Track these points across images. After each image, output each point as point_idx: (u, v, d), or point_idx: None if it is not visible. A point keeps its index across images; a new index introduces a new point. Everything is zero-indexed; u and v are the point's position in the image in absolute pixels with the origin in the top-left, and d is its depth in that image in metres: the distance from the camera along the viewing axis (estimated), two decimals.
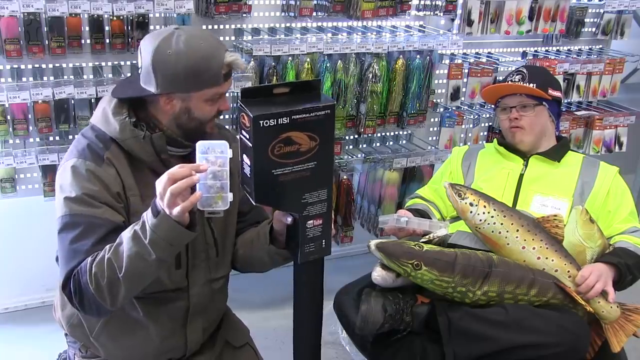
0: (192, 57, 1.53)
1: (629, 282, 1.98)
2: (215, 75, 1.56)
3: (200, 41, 1.55)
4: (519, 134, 2.20)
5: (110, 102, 1.63)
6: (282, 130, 1.40)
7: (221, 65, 1.56)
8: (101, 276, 1.46)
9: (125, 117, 1.60)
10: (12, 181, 2.51)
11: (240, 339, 1.90)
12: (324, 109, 1.43)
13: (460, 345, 1.77)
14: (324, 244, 1.59)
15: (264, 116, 1.37)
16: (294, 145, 1.43)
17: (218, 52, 1.56)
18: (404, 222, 1.96)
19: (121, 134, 1.58)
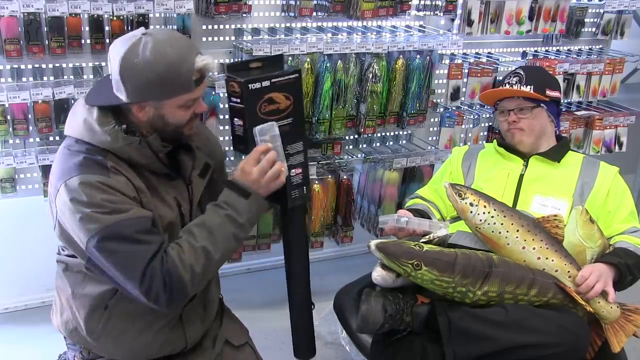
0: (160, 65, 1.49)
1: (629, 282, 1.98)
2: (186, 82, 1.53)
3: (168, 48, 1.50)
4: (518, 135, 2.20)
5: (91, 112, 1.57)
6: (265, 91, 1.74)
7: (191, 72, 1.53)
8: (197, 264, 1.55)
9: (114, 126, 1.55)
10: (12, 181, 2.51)
11: (240, 338, 1.91)
12: (293, 73, 1.82)
13: (460, 345, 1.77)
14: (305, 190, 1.91)
15: (250, 80, 1.71)
16: (275, 104, 1.78)
17: (187, 58, 1.52)
18: (404, 222, 1.97)
19: (114, 144, 1.55)
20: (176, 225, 1.67)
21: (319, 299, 3.05)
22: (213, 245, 1.58)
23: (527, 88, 2.18)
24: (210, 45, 2.69)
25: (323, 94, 2.70)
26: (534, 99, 2.18)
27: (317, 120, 2.74)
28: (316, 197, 2.87)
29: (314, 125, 2.76)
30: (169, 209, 1.65)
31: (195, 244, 1.56)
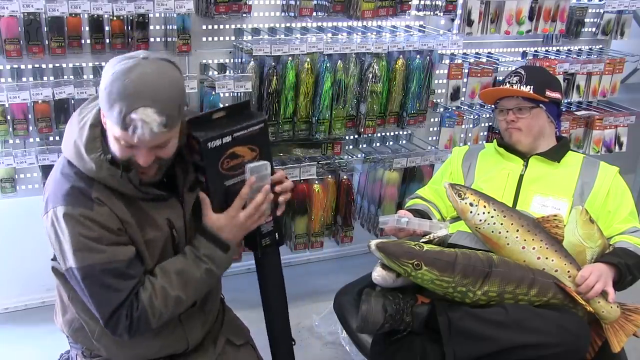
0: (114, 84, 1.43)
1: (629, 282, 1.98)
2: (118, 117, 1.43)
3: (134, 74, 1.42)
4: (516, 135, 2.21)
5: (82, 132, 1.55)
6: (227, 147, 1.64)
7: (125, 113, 1.42)
8: (166, 310, 1.59)
9: (100, 154, 1.53)
10: (12, 181, 2.51)
11: (241, 338, 1.91)
12: (258, 124, 1.69)
13: (460, 345, 1.77)
14: (277, 236, 1.85)
15: (210, 138, 1.60)
16: (239, 158, 1.68)
17: (133, 100, 1.42)
18: (404, 223, 1.97)
19: (99, 173, 1.53)
20: (168, 246, 1.67)
21: (319, 298, 3.07)
22: (187, 294, 1.63)
23: (526, 88, 2.18)
24: (210, 45, 2.69)
25: (323, 94, 2.70)
26: (533, 99, 2.18)
27: (317, 120, 2.74)
28: (316, 197, 2.87)
29: (314, 125, 2.76)
30: (159, 232, 1.64)
31: (169, 292, 1.59)
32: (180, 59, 2.64)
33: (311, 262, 3.42)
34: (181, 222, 1.69)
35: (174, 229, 1.66)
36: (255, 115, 1.71)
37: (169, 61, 1.51)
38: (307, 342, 2.84)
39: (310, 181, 2.85)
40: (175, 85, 1.49)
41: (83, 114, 1.60)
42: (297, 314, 2.94)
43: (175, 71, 1.51)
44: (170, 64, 1.51)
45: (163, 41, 2.60)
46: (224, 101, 2.76)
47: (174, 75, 1.49)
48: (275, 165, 2.72)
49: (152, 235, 1.63)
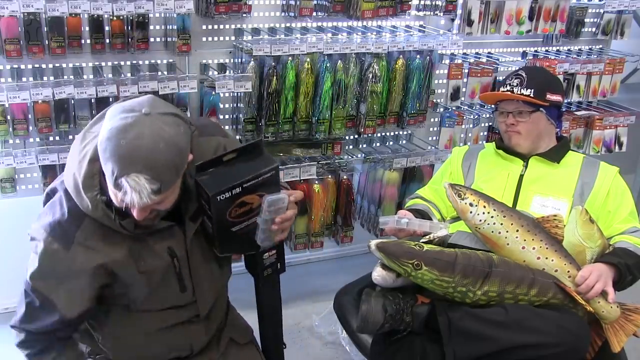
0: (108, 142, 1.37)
1: (629, 282, 1.98)
2: (111, 176, 1.39)
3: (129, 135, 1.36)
4: (515, 138, 2.20)
5: (81, 165, 1.50)
6: (236, 198, 1.58)
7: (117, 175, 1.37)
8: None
9: (97, 194, 1.49)
10: (12, 181, 2.51)
11: (244, 337, 1.91)
12: (269, 172, 1.62)
13: (460, 345, 1.77)
14: (279, 266, 1.85)
15: (219, 192, 1.55)
16: (247, 206, 1.62)
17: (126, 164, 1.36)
18: (404, 224, 1.96)
19: (94, 213, 1.51)
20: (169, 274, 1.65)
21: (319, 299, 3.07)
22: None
23: (527, 91, 2.16)
24: (210, 45, 2.69)
25: (323, 94, 2.70)
26: (533, 103, 2.18)
27: (317, 120, 2.74)
28: (316, 197, 2.88)
29: (314, 125, 2.76)
30: (159, 261, 1.62)
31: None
32: (180, 59, 2.64)
33: (311, 262, 3.42)
34: (183, 250, 1.65)
35: (176, 258, 1.64)
36: (267, 160, 1.63)
37: (174, 114, 1.44)
38: (307, 342, 2.84)
39: (310, 181, 2.85)
40: (174, 148, 1.40)
41: (85, 142, 1.54)
42: (297, 314, 2.94)
43: (178, 127, 1.43)
44: (174, 118, 1.43)
45: (163, 41, 2.60)
46: (224, 101, 2.76)
47: (174, 137, 1.41)
48: None
49: (150, 265, 1.61)
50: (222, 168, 1.59)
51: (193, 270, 1.68)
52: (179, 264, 1.65)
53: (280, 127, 2.71)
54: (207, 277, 1.73)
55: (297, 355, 2.71)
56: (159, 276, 1.64)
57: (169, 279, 1.66)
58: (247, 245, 1.69)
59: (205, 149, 1.66)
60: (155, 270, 1.63)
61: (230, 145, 1.72)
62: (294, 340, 2.80)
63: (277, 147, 2.79)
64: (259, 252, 1.78)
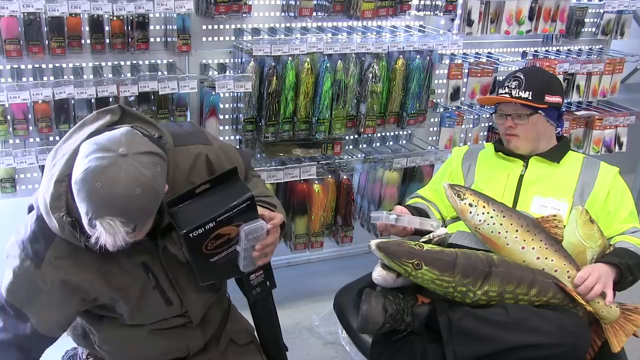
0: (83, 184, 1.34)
1: (630, 282, 1.98)
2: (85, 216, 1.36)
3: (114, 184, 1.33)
4: (514, 141, 2.20)
5: (48, 186, 1.46)
6: (210, 232, 1.52)
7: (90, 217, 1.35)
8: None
9: (63, 216, 1.45)
10: (12, 181, 2.51)
11: (244, 337, 1.90)
12: (243, 202, 1.54)
13: (460, 345, 1.77)
14: (268, 284, 1.82)
15: (192, 229, 1.49)
16: (224, 237, 1.56)
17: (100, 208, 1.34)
18: (393, 220, 1.97)
19: (62, 233, 1.48)
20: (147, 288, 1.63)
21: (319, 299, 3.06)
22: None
23: (525, 94, 2.16)
24: (210, 45, 2.69)
25: (323, 94, 2.70)
26: (531, 106, 2.17)
27: (317, 120, 2.74)
28: (316, 197, 2.87)
29: (313, 125, 2.76)
30: (132, 278, 1.60)
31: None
32: (180, 59, 2.64)
33: (311, 262, 3.42)
34: (158, 263, 1.63)
35: (151, 273, 1.62)
36: (241, 189, 1.57)
37: (151, 153, 1.40)
38: (307, 342, 2.84)
39: (310, 181, 2.85)
40: (150, 193, 1.38)
41: (55, 160, 1.50)
42: (297, 314, 2.94)
43: (156, 168, 1.39)
44: (151, 158, 1.40)
45: (163, 41, 2.60)
46: (224, 101, 2.76)
47: (151, 180, 1.37)
48: (275, 165, 2.74)
49: (124, 282, 1.59)
50: (195, 201, 1.54)
51: (175, 282, 1.66)
52: (156, 278, 1.63)
53: (280, 127, 2.71)
54: (193, 287, 1.69)
55: (297, 355, 2.71)
56: (136, 292, 1.62)
57: (150, 294, 1.64)
58: (229, 271, 1.65)
59: (184, 160, 1.62)
60: (130, 287, 1.60)
61: (211, 153, 1.67)
62: (294, 340, 2.80)
63: (277, 147, 2.79)
64: (245, 275, 1.76)
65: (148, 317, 1.68)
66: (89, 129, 1.52)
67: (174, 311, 1.70)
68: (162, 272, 1.64)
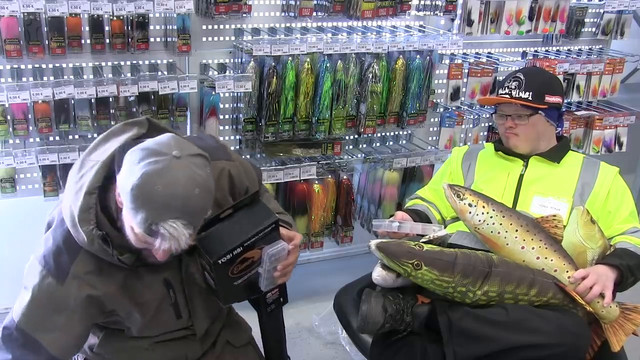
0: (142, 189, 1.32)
1: (631, 283, 1.97)
2: (143, 222, 1.33)
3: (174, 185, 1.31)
4: (513, 140, 2.20)
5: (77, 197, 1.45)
6: (237, 257, 1.53)
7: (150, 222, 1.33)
8: None
9: (93, 229, 1.44)
10: (12, 181, 2.51)
11: (241, 339, 1.89)
12: (269, 226, 1.56)
13: (460, 345, 1.77)
14: (281, 300, 1.82)
15: (221, 256, 1.50)
16: (249, 261, 1.56)
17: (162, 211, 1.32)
18: (395, 227, 1.98)
19: (90, 247, 1.47)
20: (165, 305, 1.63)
21: (319, 299, 3.07)
22: None
23: (525, 94, 2.16)
24: (210, 45, 2.69)
25: (323, 94, 2.70)
26: (531, 107, 2.17)
27: (317, 120, 2.74)
28: (316, 197, 2.87)
29: (313, 125, 2.76)
30: (154, 294, 1.60)
31: None
32: (180, 59, 2.64)
33: (311, 262, 3.42)
34: (178, 281, 1.63)
35: (172, 289, 1.62)
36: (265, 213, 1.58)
37: (201, 155, 1.40)
38: (307, 342, 2.84)
39: (310, 181, 2.85)
40: (206, 193, 1.38)
41: (83, 171, 1.49)
42: (297, 314, 2.94)
43: (206, 169, 1.40)
44: (202, 160, 1.40)
45: (163, 41, 2.60)
46: (224, 101, 2.76)
47: (206, 180, 1.38)
48: (275, 165, 2.74)
49: (146, 297, 1.59)
50: (220, 227, 1.54)
51: (189, 299, 1.66)
52: (175, 295, 1.63)
53: (280, 127, 2.71)
54: (203, 303, 1.70)
55: (297, 355, 2.71)
56: (154, 307, 1.62)
57: (164, 309, 1.64)
58: (250, 291, 1.65)
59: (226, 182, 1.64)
60: (151, 302, 1.60)
61: (233, 169, 1.67)
62: (294, 340, 2.80)
63: (277, 147, 2.79)
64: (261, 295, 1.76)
65: (156, 330, 1.67)
66: (116, 141, 1.51)
67: (181, 324, 1.70)
68: (181, 289, 1.64)
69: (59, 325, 1.52)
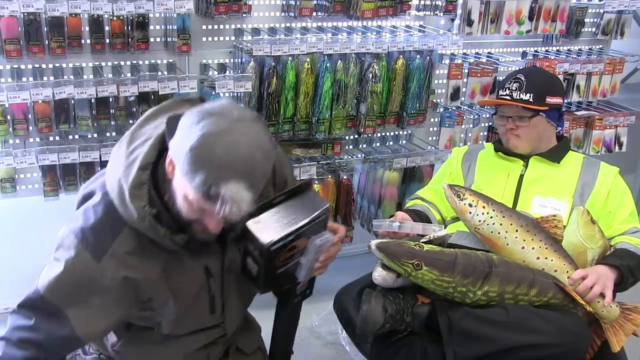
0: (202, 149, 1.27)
1: (631, 283, 1.98)
2: (202, 185, 1.27)
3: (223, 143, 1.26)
4: (514, 140, 2.20)
5: (128, 171, 1.39)
6: (287, 244, 1.50)
7: (211, 184, 1.27)
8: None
9: (145, 206, 1.37)
10: (12, 181, 2.51)
11: (252, 345, 1.82)
12: (322, 215, 1.54)
13: (460, 345, 1.77)
14: (307, 292, 1.82)
15: (274, 242, 1.46)
16: (295, 249, 1.54)
17: (224, 172, 1.26)
18: (396, 227, 1.98)
19: (140, 224, 1.39)
20: (202, 293, 1.57)
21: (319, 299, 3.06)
22: None
23: (526, 96, 2.15)
24: (210, 45, 2.69)
25: (323, 94, 2.70)
26: (532, 109, 2.17)
27: (317, 120, 2.74)
28: None
29: (313, 125, 2.76)
30: (194, 281, 1.54)
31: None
32: (180, 59, 2.64)
33: None
34: (218, 269, 1.57)
35: (211, 278, 1.56)
36: (317, 201, 1.57)
37: (260, 122, 1.36)
38: (307, 342, 2.84)
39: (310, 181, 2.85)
40: (268, 158, 1.34)
41: (134, 144, 1.44)
42: None
43: (266, 136, 1.35)
44: (262, 126, 1.35)
45: (163, 41, 2.60)
46: None
47: (267, 146, 1.33)
48: None
49: (185, 284, 1.53)
50: (273, 212, 1.51)
51: (225, 291, 1.62)
52: (214, 284, 1.57)
53: (280, 127, 2.71)
54: (237, 298, 1.66)
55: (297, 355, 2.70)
56: (191, 296, 1.55)
57: (201, 300, 1.57)
58: (286, 280, 1.63)
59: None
60: (189, 289, 1.54)
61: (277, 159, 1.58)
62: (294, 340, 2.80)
63: None
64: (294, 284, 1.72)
65: (186, 327, 1.60)
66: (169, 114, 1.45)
67: (213, 321, 1.64)
68: (220, 278, 1.59)
69: (90, 304, 1.42)
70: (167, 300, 1.52)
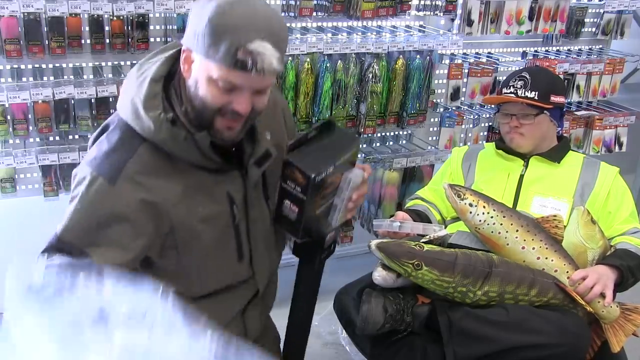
0: (221, 16, 1.27)
1: (631, 283, 1.98)
2: (227, 53, 1.27)
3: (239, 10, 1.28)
4: (517, 139, 2.19)
5: (140, 87, 1.38)
6: (328, 178, 1.50)
7: (237, 47, 1.27)
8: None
9: (160, 113, 1.36)
10: (12, 181, 2.51)
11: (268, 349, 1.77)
12: (355, 147, 1.59)
13: (460, 345, 1.77)
14: (332, 248, 1.79)
15: (318, 173, 1.46)
16: (332, 185, 1.55)
17: (248, 31, 1.27)
18: (397, 227, 1.98)
19: (157, 135, 1.36)
20: (226, 221, 1.51)
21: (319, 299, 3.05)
22: None
23: (531, 94, 2.15)
24: None
25: (323, 94, 2.70)
26: (537, 106, 2.17)
27: (317, 120, 2.74)
28: None
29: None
30: (217, 205, 1.49)
31: None
32: None
33: None
34: (241, 197, 1.52)
35: (235, 205, 1.50)
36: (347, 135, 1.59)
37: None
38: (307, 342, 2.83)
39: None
40: (283, 23, 1.36)
41: (143, 69, 1.43)
42: None
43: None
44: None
45: (163, 41, 2.60)
46: None
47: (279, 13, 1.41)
48: None
49: (212, 209, 1.47)
50: (311, 147, 1.51)
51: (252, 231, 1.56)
52: (237, 212, 1.50)
53: None
54: (264, 243, 1.60)
55: None
56: (220, 227, 1.49)
57: (225, 233, 1.51)
58: (320, 226, 1.60)
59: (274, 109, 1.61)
60: (217, 217, 1.47)
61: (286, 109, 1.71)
62: None
63: None
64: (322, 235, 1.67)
65: (215, 276, 1.54)
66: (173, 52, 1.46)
67: (242, 272, 1.58)
68: (243, 210, 1.53)
69: (110, 238, 1.36)
70: (190, 231, 1.45)
